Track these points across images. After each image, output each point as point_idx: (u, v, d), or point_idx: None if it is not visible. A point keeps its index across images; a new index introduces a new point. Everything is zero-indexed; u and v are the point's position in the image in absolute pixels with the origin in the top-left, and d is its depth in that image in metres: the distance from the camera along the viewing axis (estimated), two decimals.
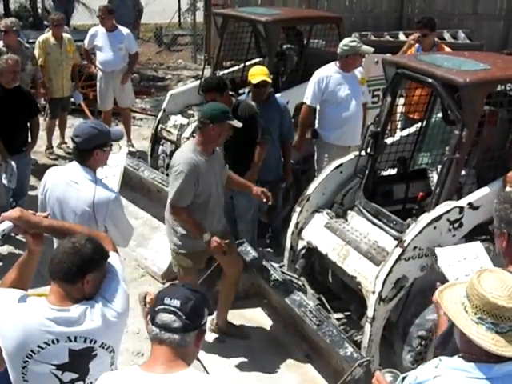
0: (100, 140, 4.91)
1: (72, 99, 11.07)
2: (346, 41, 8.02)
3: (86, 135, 4.90)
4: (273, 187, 7.47)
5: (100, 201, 4.85)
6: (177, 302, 2.99)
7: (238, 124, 6.04)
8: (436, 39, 9.30)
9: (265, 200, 6.29)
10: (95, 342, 3.43)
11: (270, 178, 7.60)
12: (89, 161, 4.92)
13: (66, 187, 4.95)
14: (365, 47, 8.04)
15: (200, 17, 17.53)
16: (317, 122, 8.23)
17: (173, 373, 2.97)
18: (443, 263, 4.21)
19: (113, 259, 3.62)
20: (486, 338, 2.80)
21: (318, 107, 8.15)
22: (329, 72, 8.06)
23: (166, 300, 3.01)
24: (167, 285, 6.97)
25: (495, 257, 4.19)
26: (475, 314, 2.85)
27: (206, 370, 5.77)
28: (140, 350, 6.22)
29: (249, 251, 6.64)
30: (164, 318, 2.99)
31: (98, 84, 11.12)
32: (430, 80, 5.78)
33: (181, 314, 2.98)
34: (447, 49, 9.11)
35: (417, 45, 9.20)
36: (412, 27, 15.89)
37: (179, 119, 9.19)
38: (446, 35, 16.08)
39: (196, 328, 3.04)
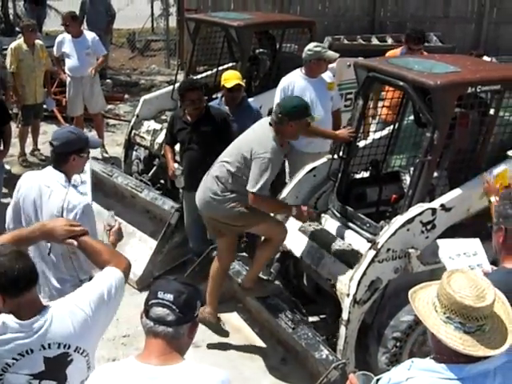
0: (77, 145, 4.93)
1: (44, 106, 11.02)
2: (310, 46, 7.95)
3: (63, 139, 4.93)
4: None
5: (69, 207, 4.78)
6: (170, 296, 3.03)
7: (317, 118, 6.01)
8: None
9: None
10: (69, 346, 3.41)
11: None
12: (65, 166, 4.92)
13: (41, 191, 4.91)
14: (329, 53, 7.92)
15: (173, 22, 17.53)
16: None
17: (170, 365, 3.02)
18: (444, 255, 4.24)
19: (107, 273, 3.66)
20: (454, 338, 2.81)
21: None
22: (294, 78, 8.02)
23: (160, 294, 3.05)
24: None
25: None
26: (444, 313, 2.86)
27: None
28: (116, 357, 6.18)
29: None
30: (158, 311, 3.03)
31: (67, 90, 11.11)
32: (401, 83, 5.82)
33: (174, 307, 3.02)
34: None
35: (402, 49, 9.14)
36: (384, 30, 16.07)
37: (152, 124, 9.16)
38: None
39: (189, 320, 3.09)
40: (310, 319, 6.26)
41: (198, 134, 7.12)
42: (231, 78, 7.66)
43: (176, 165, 7.19)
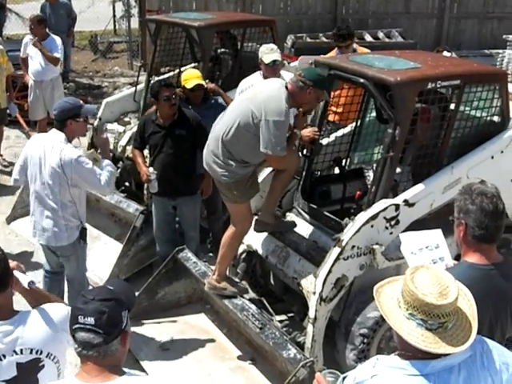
0: (72, 112, 5.95)
1: (8, 111, 10.92)
2: (262, 47, 7.95)
3: (60, 108, 6.01)
4: (212, 192, 7.47)
5: (66, 160, 5.82)
6: (91, 320, 2.94)
7: (327, 98, 6.15)
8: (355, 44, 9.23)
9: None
10: (41, 352, 3.43)
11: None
12: (64, 129, 5.94)
13: (44, 149, 5.95)
14: (265, 56, 7.82)
15: (135, 23, 17.48)
16: None
17: (110, 380, 2.97)
18: (406, 250, 4.22)
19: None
20: (416, 334, 2.82)
21: None
22: (252, 81, 7.98)
23: (80, 319, 2.96)
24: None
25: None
26: (407, 309, 2.87)
27: None
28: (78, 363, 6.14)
29: (189, 257, 6.63)
30: (83, 336, 2.95)
31: (29, 94, 11.08)
32: (361, 80, 5.82)
33: (98, 330, 2.94)
34: (366, 50, 9.06)
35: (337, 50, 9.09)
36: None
37: (115, 127, 9.10)
38: (380, 34, 16.34)
39: (118, 335, 3.02)
40: (278, 318, 6.28)
41: (171, 137, 7.04)
42: (191, 77, 7.64)
43: (151, 169, 7.11)
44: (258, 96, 5.86)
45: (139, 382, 3.08)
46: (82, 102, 6.29)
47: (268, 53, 7.84)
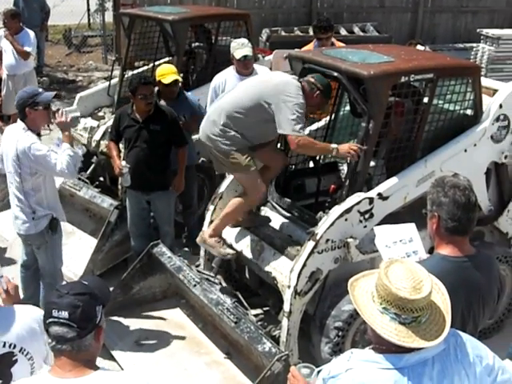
0: (29, 100, 5.93)
1: None
2: (233, 43, 7.95)
3: (18, 98, 6.04)
4: (186, 185, 7.46)
5: (20, 150, 5.90)
6: (65, 314, 2.94)
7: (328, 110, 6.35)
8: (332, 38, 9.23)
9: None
10: (14, 346, 3.44)
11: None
12: (26, 119, 5.98)
13: (8, 142, 6.06)
14: (236, 51, 7.83)
15: (109, 17, 17.34)
16: None
17: (85, 375, 2.97)
18: (380, 243, 4.24)
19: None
20: (389, 329, 2.83)
21: None
22: (226, 76, 8.02)
23: (54, 312, 2.96)
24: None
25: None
26: (380, 303, 2.87)
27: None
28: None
29: (164, 252, 6.61)
30: (56, 330, 2.95)
31: (2, 87, 11.06)
32: (335, 74, 5.84)
33: (72, 324, 2.94)
34: (342, 45, 9.04)
35: (315, 41, 9.07)
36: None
37: (89, 122, 9.06)
38: (355, 28, 16.36)
39: (92, 330, 3.01)
40: (253, 312, 6.26)
41: (146, 132, 7.02)
42: (167, 73, 7.61)
43: (123, 162, 7.08)
44: (273, 80, 5.95)
45: (113, 377, 3.07)
46: (40, 90, 6.27)
47: (239, 48, 7.84)
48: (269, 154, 6.22)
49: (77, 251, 7.80)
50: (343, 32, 15.96)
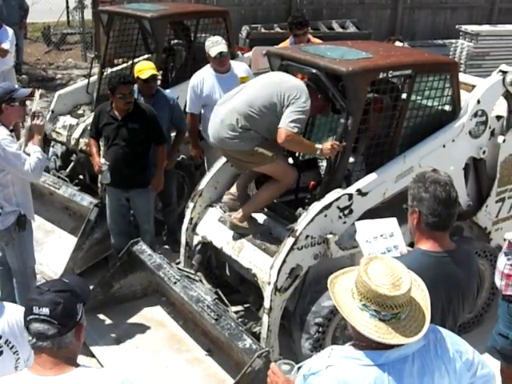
0: (5, 97, 5.90)
1: None
2: (207, 41, 7.92)
3: None
4: (166, 183, 7.46)
5: None
6: (46, 310, 2.94)
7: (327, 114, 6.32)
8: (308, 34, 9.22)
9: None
10: (0, 337, 3.46)
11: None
12: (1, 115, 5.93)
13: None
14: (211, 49, 7.83)
15: (88, 14, 17.25)
16: (200, 126, 8.19)
17: (65, 373, 2.97)
18: (361, 238, 4.24)
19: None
20: (369, 325, 2.84)
21: (202, 111, 8.13)
22: (204, 75, 8.01)
23: (35, 309, 2.95)
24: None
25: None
26: (360, 300, 2.88)
27: None
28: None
29: (144, 250, 6.59)
30: (37, 327, 2.95)
31: None
32: (314, 70, 5.84)
33: (53, 320, 2.94)
34: (319, 41, 9.06)
35: (291, 38, 9.04)
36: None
37: (68, 120, 9.00)
38: (335, 25, 16.38)
39: (73, 327, 3.02)
40: (234, 309, 6.25)
41: (125, 130, 7.00)
42: (145, 68, 7.59)
43: (102, 160, 7.05)
44: (286, 83, 5.89)
45: (93, 374, 3.06)
46: (16, 86, 6.29)
47: (213, 46, 7.84)
48: (281, 169, 6.17)
49: (57, 250, 7.77)
50: (323, 28, 15.99)
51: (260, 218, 6.38)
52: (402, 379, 2.88)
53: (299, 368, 3.20)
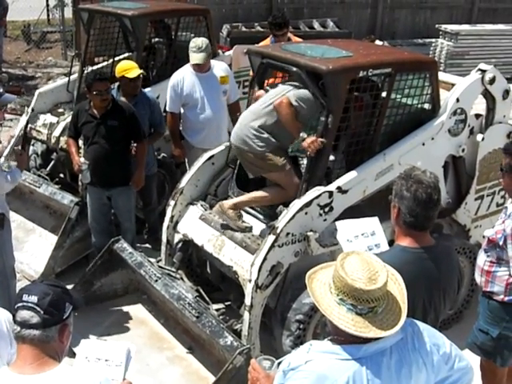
0: None
1: None
2: (192, 41, 7.87)
3: None
4: (147, 182, 7.45)
5: None
6: (34, 298, 2.99)
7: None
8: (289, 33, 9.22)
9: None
10: None
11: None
12: None
13: None
14: (193, 56, 7.77)
15: (69, 13, 17.15)
16: (181, 125, 8.20)
17: (44, 371, 2.97)
18: (342, 238, 4.26)
19: None
20: (346, 319, 2.86)
21: (182, 110, 8.12)
22: (183, 74, 7.99)
23: (24, 297, 3.01)
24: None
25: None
26: (337, 295, 2.90)
27: None
28: None
29: (125, 248, 6.59)
30: (23, 314, 2.99)
31: None
32: (294, 69, 5.87)
33: (38, 309, 2.98)
34: (299, 40, 9.06)
35: (272, 37, 9.03)
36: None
37: (49, 118, 8.96)
38: (316, 24, 16.41)
39: (57, 322, 3.03)
40: (215, 306, 6.26)
41: (104, 128, 6.98)
42: (131, 67, 7.58)
43: (82, 159, 7.04)
44: (300, 89, 5.97)
45: (72, 375, 3.06)
46: (1, 90, 6.21)
47: (195, 52, 7.78)
48: (288, 181, 6.18)
49: (37, 248, 7.75)
50: (303, 27, 16.02)
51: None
52: (380, 372, 2.91)
53: (279, 364, 3.22)
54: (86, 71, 9.08)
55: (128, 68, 7.57)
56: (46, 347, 3.00)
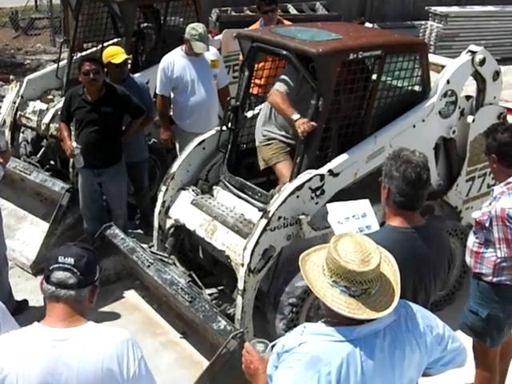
0: None
1: None
2: (192, 26, 7.81)
3: None
4: (138, 168, 7.44)
5: None
6: (71, 260, 3.11)
7: None
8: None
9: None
10: None
11: (134, 159, 7.57)
12: None
13: None
14: (196, 44, 7.73)
15: None
16: (171, 111, 8.18)
17: (74, 326, 3.08)
18: (332, 219, 4.27)
19: None
20: (339, 301, 2.86)
21: (172, 95, 8.09)
22: (174, 57, 7.95)
23: (60, 258, 3.11)
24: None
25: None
26: (330, 277, 2.90)
27: None
28: None
29: (117, 234, 6.58)
30: (59, 275, 3.10)
31: None
32: (284, 52, 5.86)
33: (75, 270, 3.10)
34: (288, 23, 9.02)
35: (261, 20, 9.00)
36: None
37: (38, 105, 8.93)
38: (305, 7, 16.33)
39: (90, 283, 3.18)
40: (208, 291, 6.26)
41: (97, 114, 6.98)
42: (117, 53, 7.53)
43: (74, 143, 7.02)
44: None
45: (102, 331, 3.17)
46: None
47: (198, 40, 7.71)
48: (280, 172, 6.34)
49: (29, 236, 7.74)
50: (293, 11, 15.94)
51: (232, 199, 6.39)
52: (373, 354, 2.91)
53: (273, 347, 3.22)
54: (74, 57, 9.06)
55: (114, 54, 7.52)
56: (77, 306, 3.13)
